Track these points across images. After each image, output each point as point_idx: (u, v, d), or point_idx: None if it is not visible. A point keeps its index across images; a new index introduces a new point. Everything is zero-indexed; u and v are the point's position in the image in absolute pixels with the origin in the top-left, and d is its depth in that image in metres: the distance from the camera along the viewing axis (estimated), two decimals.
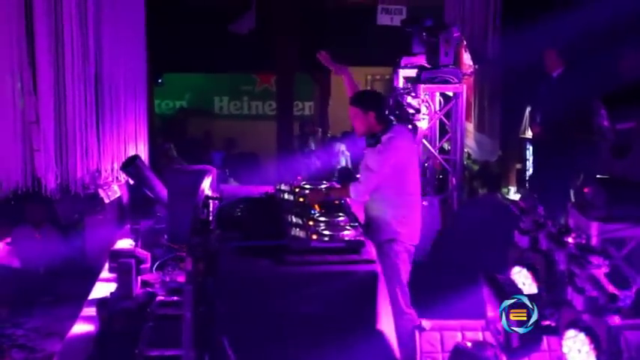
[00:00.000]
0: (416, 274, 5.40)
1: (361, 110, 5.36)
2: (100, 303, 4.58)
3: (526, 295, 3.34)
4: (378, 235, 5.25)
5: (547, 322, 3.06)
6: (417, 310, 5.17)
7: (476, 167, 10.87)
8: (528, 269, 3.46)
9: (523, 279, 3.51)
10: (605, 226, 3.01)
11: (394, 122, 5.52)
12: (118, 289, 4.74)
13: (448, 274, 5.62)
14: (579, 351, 2.68)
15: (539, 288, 3.36)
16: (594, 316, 2.67)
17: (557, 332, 2.91)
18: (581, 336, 2.68)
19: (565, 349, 2.72)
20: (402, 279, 5.24)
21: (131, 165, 6.62)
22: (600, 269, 2.87)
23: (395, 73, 8.75)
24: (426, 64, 8.11)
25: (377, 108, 5.39)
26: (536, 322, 3.04)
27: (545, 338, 3.08)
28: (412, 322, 4.95)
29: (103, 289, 5.08)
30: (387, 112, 5.52)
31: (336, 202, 5.26)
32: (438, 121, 8.40)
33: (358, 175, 5.63)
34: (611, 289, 2.74)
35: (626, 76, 7.36)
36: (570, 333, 2.70)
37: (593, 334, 2.64)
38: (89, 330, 4.44)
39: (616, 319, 2.62)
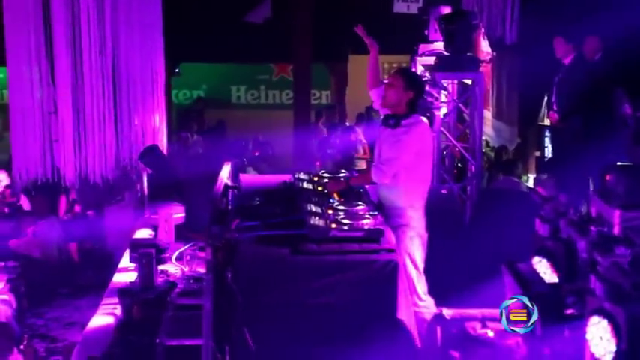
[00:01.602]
0: (437, 262, 5.37)
1: (404, 84, 5.29)
2: (121, 292, 4.60)
3: (547, 285, 3.32)
4: (391, 220, 5.23)
5: (570, 311, 3.05)
6: (438, 299, 5.16)
7: (492, 154, 10.82)
8: (548, 259, 3.44)
9: (544, 268, 3.49)
10: (627, 214, 2.99)
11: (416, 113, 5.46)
12: (138, 278, 4.75)
13: (469, 262, 5.59)
14: (601, 338, 2.67)
15: (559, 277, 3.34)
16: (617, 303, 2.64)
17: (580, 320, 2.89)
18: (604, 323, 2.67)
19: (588, 336, 2.71)
20: (418, 265, 5.22)
21: (149, 155, 6.64)
22: (623, 257, 2.84)
23: (412, 61, 8.71)
24: (444, 52, 8.06)
25: (417, 91, 5.35)
26: (559, 310, 3.03)
27: (567, 327, 3.05)
28: (429, 310, 4.95)
29: (123, 278, 5.10)
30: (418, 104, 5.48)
31: (356, 190, 5.23)
32: (456, 109, 8.36)
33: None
34: (634, 276, 2.71)
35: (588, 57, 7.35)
36: (594, 319, 2.69)
37: (615, 321, 2.62)
38: (110, 319, 4.46)
39: (635, 308, 2.60)
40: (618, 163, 3.35)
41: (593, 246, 2.98)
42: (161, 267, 5.02)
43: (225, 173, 4.96)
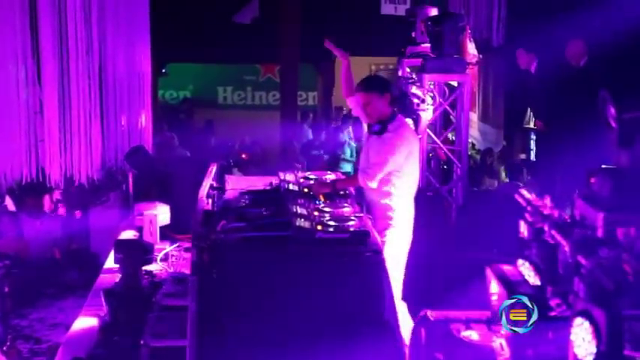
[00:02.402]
0: (421, 263, 5.39)
1: (378, 93, 5.33)
2: (105, 293, 4.58)
3: (531, 287, 3.33)
4: (378, 222, 5.24)
5: (553, 313, 3.06)
6: (422, 300, 5.16)
7: (478, 157, 10.86)
8: (530, 262, 3.45)
9: (527, 271, 3.50)
10: (611, 217, 3.00)
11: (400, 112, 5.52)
12: (122, 279, 4.74)
13: (454, 265, 5.61)
14: (583, 339, 2.68)
15: (543, 279, 3.35)
16: (598, 305, 2.66)
17: (564, 322, 2.90)
18: (586, 324, 2.68)
19: (572, 337, 2.72)
20: (401, 268, 5.22)
21: (135, 155, 6.62)
22: (606, 260, 2.85)
23: (400, 62, 8.73)
24: (431, 54, 8.08)
25: (390, 90, 5.40)
26: (543, 313, 3.04)
27: (550, 329, 3.07)
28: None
29: (107, 279, 5.08)
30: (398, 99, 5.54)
31: (342, 192, 5.24)
32: (442, 111, 8.39)
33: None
34: (617, 279, 2.72)
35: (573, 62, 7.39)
36: (577, 321, 2.70)
37: (596, 323, 2.63)
38: (94, 320, 4.44)
39: (621, 310, 2.61)
40: (603, 166, 3.36)
41: (577, 248, 2.99)
42: (146, 268, 5.01)
43: (210, 174, 4.96)
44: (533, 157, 10.25)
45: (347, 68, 5.87)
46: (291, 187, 5.32)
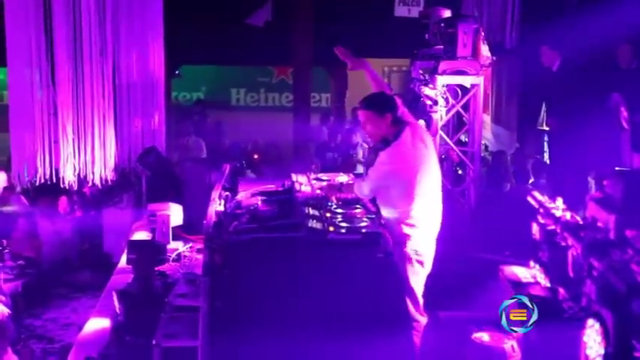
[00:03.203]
0: (433, 265, 5.37)
1: (376, 114, 5.03)
2: (118, 294, 4.60)
3: (543, 288, 3.33)
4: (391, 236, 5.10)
5: (565, 315, 3.06)
6: (435, 302, 5.13)
7: (490, 158, 10.83)
8: (542, 264, 3.45)
9: (539, 273, 3.50)
10: (623, 219, 2.99)
11: (407, 123, 5.25)
12: (135, 280, 4.76)
13: (467, 266, 5.59)
14: (594, 341, 2.69)
15: (555, 281, 3.35)
16: (608, 307, 2.66)
17: (575, 324, 2.90)
18: (597, 326, 2.68)
19: (585, 338, 2.72)
20: (410, 285, 4.98)
21: (148, 157, 6.65)
22: (618, 262, 2.85)
23: (413, 64, 8.71)
24: (444, 56, 8.07)
25: (393, 109, 5.06)
26: (554, 314, 3.04)
27: (562, 331, 3.06)
28: (418, 332, 4.77)
29: (120, 280, 5.11)
30: (399, 113, 5.28)
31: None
32: (455, 113, 8.37)
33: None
34: (628, 281, 2.72)
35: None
36: (589, 322, 2.70)
37: (605, 324, 2.63)
38: (106, 320, 4.46)
39: (632, 311, 2.60)
40: (616, 168, 3.35)
41: (589, 250, 2.99)
42: (159, 268, 5.02)
43: (223, 176, 4.97)
44: (546, 158, 10.21)
45: (371, 74, 5.56)
46: (303, 188, 5.32)
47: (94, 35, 7.35)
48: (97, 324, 4.51)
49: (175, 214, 5.93)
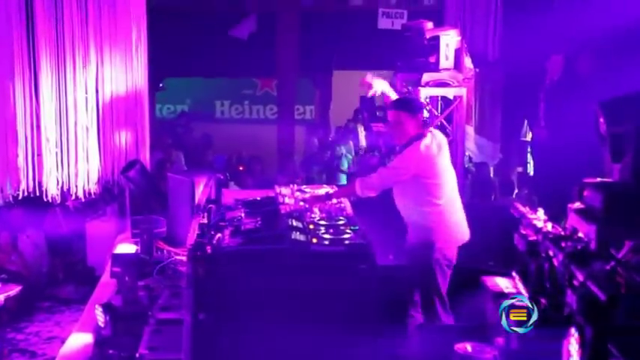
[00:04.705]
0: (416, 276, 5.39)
1: (409, 114, 5.31)
2: (102, 307, 4.58)
3: (525, 299, 3.34)
4: (413, 237, 5.26)
5: (547, 325, 3.07)
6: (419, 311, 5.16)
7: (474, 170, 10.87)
8: (525, 274, 3.47)
9: (521, 283, 3.51)
10: (604, 229, 3.01)
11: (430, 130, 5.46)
12: (119, 293, 4.74)
13: (450, 276, 5.60)
14: (575, 350, 2.71)
15: (536, 291, 3.36)
16: (586, 317, 2.68)
17: (557, 335, 2.91)
18: (577, 336, 2.71)
19: (570, 347, 2.75)
20: (438, 284, 5.22)
21: (132, 169, 6.63)
22: (599, 272, 2.87)
23: (396, 76, 8.75)
24: (427, 68, 8.11)
25: (422, 112, 5.48)
26: (536, 324, 3.05)
27: (543, 341, 3.08)
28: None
29: (104, 293, 5.08)
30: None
31: (337, 205, 5.24)
32: (438, 125, 8.41)
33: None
34: (610, 291, 2.74)
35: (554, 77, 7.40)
36: (572, 332, 2.72)
37: (583, 335, 2.65)
38: (90, 334, 4.45)
39: (612, 322, 2.62)
40: (597, 179, 3.38)
41: (570, 261, 3.01)
42: (142, 282, 5.01)
43: (207, 188, 4.97)
44: (529, 169, 10.26)
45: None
46: (286, 200, 5.33)
47: (77, 47, 7.34)
48: (80, 338, 4.48)
49: (159, 226, 5.91)
